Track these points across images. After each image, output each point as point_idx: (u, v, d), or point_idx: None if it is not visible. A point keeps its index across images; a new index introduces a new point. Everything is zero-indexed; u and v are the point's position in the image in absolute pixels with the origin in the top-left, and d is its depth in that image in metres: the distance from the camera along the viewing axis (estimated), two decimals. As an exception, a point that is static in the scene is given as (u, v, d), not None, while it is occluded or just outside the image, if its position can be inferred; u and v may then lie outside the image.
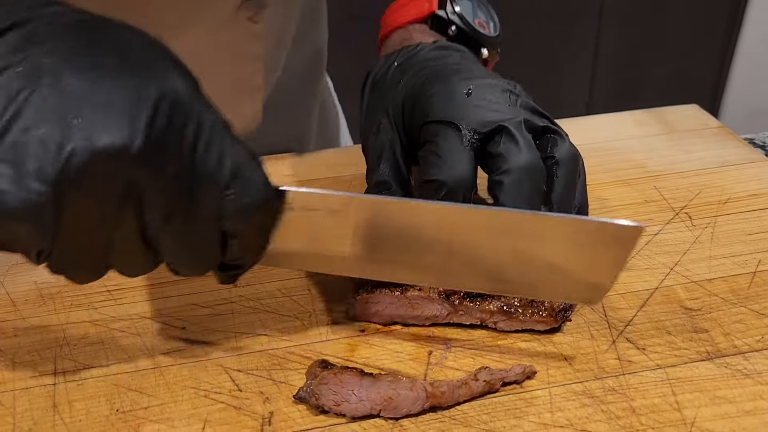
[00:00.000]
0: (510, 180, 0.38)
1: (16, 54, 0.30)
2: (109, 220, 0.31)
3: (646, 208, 0.50)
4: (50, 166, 0.29)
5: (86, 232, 0.31)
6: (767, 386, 0.36)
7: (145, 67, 0.31)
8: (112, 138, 0.29)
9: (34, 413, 0.36)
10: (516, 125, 0.39)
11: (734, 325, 0.40)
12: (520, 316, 0.39)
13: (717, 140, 0.59)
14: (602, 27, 1.66)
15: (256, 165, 0.33)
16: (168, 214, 0.31)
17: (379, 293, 0.40)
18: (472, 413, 0.35)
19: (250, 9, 0.54)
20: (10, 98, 0.29)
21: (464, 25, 0.49)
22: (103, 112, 0.29)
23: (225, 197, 0.32)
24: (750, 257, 0.45)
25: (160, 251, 0.33)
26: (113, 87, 0.30)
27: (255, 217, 0.33)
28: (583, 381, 0.37)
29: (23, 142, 0.29)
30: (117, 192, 0.30)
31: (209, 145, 0.31)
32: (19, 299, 0.43)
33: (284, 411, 0.36)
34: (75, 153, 0.29)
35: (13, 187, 0.29)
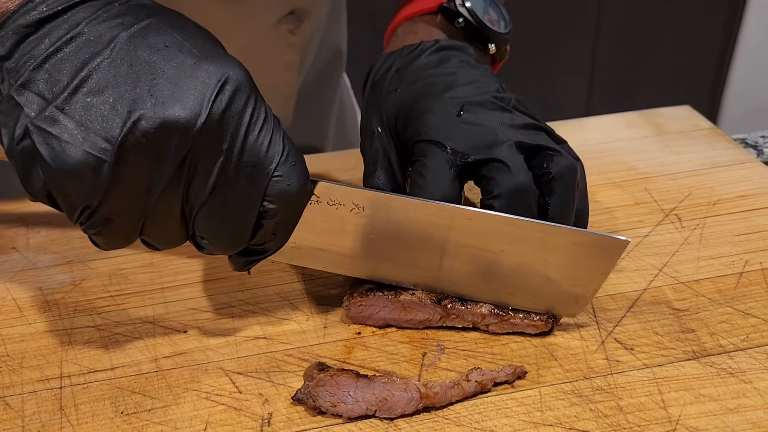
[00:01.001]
0: (500, 204, 0.39)
1: (89, 25, 0.32)
2: (158, 187, 0.33)
3: (636, 209, 0.52)
4: (118, 127, 0.31)
5: (134, 196, 0.33)
6: (751, 384, 0.37)
7: (212, 52, 0.34)
8: (181, 110, 0.32)
9: (41, 416, 0.37)
10: (507, 148, 0.39)
11: (720, 325, 0.41)
12: (512, 319, 0.40)
13: (707, 142, 0.60)
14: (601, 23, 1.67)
15: (300, 155, 0.36)
16: (215, 188, 0.34)
17: (372, 297, 0.41)
18: (464, 413, 0.37)
19: (291, 22, 0.57)
20: (84, 62, 0.32)
21: (472, 19, 0.49)
22: (174, 85, 0.32)
23: (272, 178, 0.35)
24: (737, 258, 0.46)
25: (196, 225, 0.36)
26: (184, 64, 0.33)
27: (296, 200, 0.36)
28: (573, 381, 0.38)
29: (93, 102, 0.32)
30: (174, 161, 0.33)
31: (263, 129, 0.34)
32: (25, 305, 0.45)
33: (283, 412, 0.37)
34: (144, 118, 0.32)
35: (78, 141, 0.31)
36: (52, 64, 0.32)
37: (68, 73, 0.32)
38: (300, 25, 0.57)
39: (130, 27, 0.33)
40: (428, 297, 0.41)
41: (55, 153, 0.31)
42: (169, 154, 0.32)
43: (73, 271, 0.47)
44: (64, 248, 0.49)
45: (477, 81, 0.44)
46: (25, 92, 0.32)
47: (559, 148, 0.41)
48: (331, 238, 0.39)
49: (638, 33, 1.68)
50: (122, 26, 0.33)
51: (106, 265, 0.48)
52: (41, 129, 0.31)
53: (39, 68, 0.32)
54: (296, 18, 0.57)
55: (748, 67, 1.76)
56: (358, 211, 0.38)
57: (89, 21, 0.32)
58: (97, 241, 0.35)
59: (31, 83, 0.32)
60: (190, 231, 0.36)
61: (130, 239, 0.35)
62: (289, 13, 0.56)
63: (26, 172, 0.33)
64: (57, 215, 0.53)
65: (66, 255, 0.49)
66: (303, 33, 0.58)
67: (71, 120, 0.31)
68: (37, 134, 0.31)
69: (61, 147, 0.31)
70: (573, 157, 0.41)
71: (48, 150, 0.31)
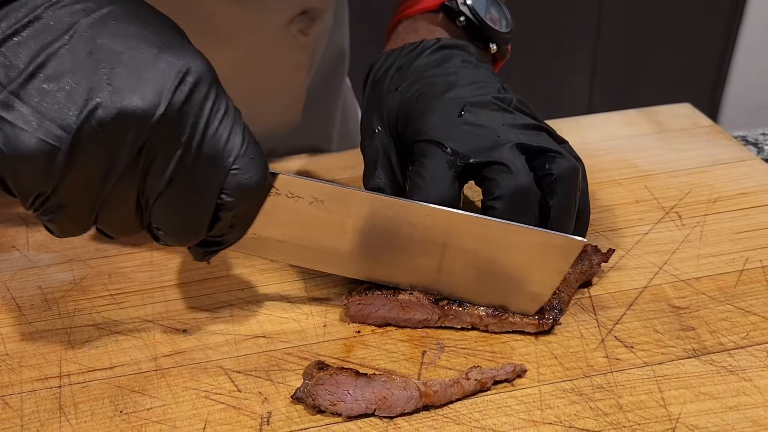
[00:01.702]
0: (502, 205, 0.38)
1: (48, 10, 0.32)
2: (113, 176, 0.33)
3: (636, 207, 0.51)
4: (74, 114, 0.31)
5: (89, 184, 0.33)
6: (750, 382, 0.37)
7: (175, 43, 0.33)
8: (140, 100, 0.31)
9: (40, 415, 0.37)
10: (509, 149, 0.39)
11: (720, 323, 0.41)
12: (510, 318, 0.40)
13: (708, 139, 0.59)
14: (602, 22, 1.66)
15: (259, 148, 0.36)
16: (172, 179, 0.34)
17: (371, 296, 0.41)
18: (464, 411, 0.37)
19: (302, 22, 0.56)
20: (42, 47, 0.31)
21: (473, 17, 0.49)
22: (134, 75, 0.32)
23: (230, 171, 0.34)
24: (737, 255, 0.46)
25: (152, 216, 0.35)
26: (145, 54, 0.32)
27: (254, 193, 0.36)
28: (572, 379, 0.38)
29: (50, 89, 0.31)
30: (130, 151, 0.32)
31: (222, 122, 0.34)
32: (24, 304, 0.45)
33: (282, 411, 0.37)
34: (101, 107, 0.31)
35: (32, 127, 0.31)
36: (8, 48, 0.31)
37: (25, 57, 0.31)
38: (311, 24, 0.57)
39: (91, 13, 0.32)
40: (426, 297, 0.40)
41: (8, 139, 0.31)
42: (125, 144, 0.32)
43: (73, 270, 0.47)
44: (64, 247, 0.49)
45: (478, 81, 0.44)
46: None
47: (560, 150, 0.41)
48: (292, 230, 0.39)
49: (639, 31, 1.68)
50: (83, 12, 0.32)
51: (106, 264, 0.48)
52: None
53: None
54: (308, 18, 0.57)
55: (749, 65, 1.75)
56: (317, 204, 0.38)
57: (49, 5, 0.32)
58: (50, 227, 0.35)
59: None
60: (145, 221, 0.36)
61: (84, 227, 0.35)
62: (302, 12, 0.56)
63: None
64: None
65: (66, 254, 0.49)
66: (313, 33, 0.58)
67: (26, 106, 0.31)
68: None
69: (15, 133, 0.31)
70: (574, 158, 0.41)
71: (1, 136, 0.31)
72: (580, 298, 0.43)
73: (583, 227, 0.42)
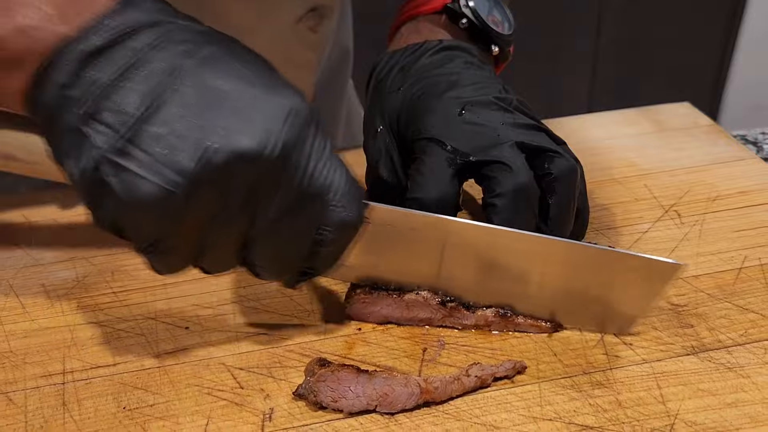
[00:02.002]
0: (503, 203, 0.39)
1: (153, 51, 0.32)
2: (223, 219, 0.33)
3: (636, 206, 0.52)
4: (188, 159, 0.31)
5: (200, 228, 0.33)
6: (749, 379, 0.37)
7: (277, 82, 0.34)
8: (251, 142, 0.31)
9: (44, 411, 0.37)
10: (509, 147, 0.40)
11: (719, 320, 0.41)
12: (516, 319, 0.40)
13: (707, 138, 0.60)
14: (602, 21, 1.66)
15: (356, 183, 0.36)
16: (277, 219, 0.34)
17: (376, 295, 0.41)
18: (464, 408, 0.37)
19: (312, 19, 0.57)
20: (152, 92, 0.31)
21: (476, 20, 0.49)
22: (244, 116, 0.32)
23: (331, 209, 0.35)
24: (736, 254, 0.46)
25: (253, 252, 0.36)
26: (251, 95, 0.32)
27: (352, 229, 0.36)
28: (572, 375, 0.38)
29: (163, 134, 0.31)
30: (241, 192, 0.33)
31: (325, 160, 0.34)
32: (28, 302, 0.45)
33: (284, 407, 0.37)
34: (214, 150, 0.31)
35: (151, 174, 0.31)
36: (118, 93, 0.31)
37: (135, 102, 0.31)
38: (321, 22, 0.58)
39: (193, 55, 0.32)
40: (433, 297, 0.41)
41: (126, 186, 0.31)
42: (237, 186, 0.32)
43: (76, 268, 0.48)
44: (67, 245, 0.50)
45: (480, 82, 0.44)
46: (91, 122, 0.31)
47: (559, 149, 0.41)
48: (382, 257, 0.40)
49: (639, 31, 1.68)
50: (186, 54, 0.32)
51: (108, 262, 0.48)
52: (111, 161, 0.31)
53: (105, 97, 0.31)
54: (317, 15, 0.57)
55: (749, 63, 1.75)
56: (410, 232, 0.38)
57: (152, 48, 0.32)
58: (156, 267, 0.35)
59: (97, 113, 0.31)
60: (244, 257, 0.36)
61: (188, 264, 0.35)
62: (311, 9, 0.56)
63: (95, 203, 0.33)
64: (60, 212, 0.53)
65: (69, 251, 0.49)
66: (322, 31, 0.59)
67: (141, 152, 0.31)
68: (107, 167, 0.31)
69: (133, 180, 0.31)
70: (573, 158, 0.41)
71: (119, 183, 0.31)
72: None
73: (582, 227, 0.42)
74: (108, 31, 0.32)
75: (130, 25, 0.32)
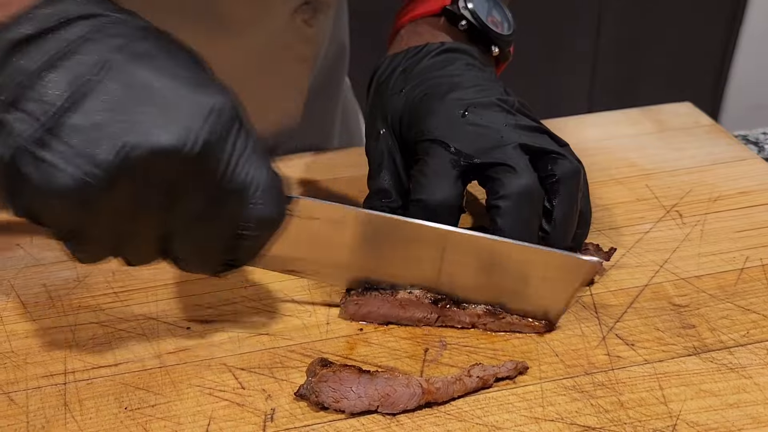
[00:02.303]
0: (507, 205, 0.39)
1: (84, 44, 0.32)
2: (142, 211, 0.33)
3: (637, 206, 0.52)
4: (107, 152, 0.31)
5: (118, 218, 0.33)
6: (750, 380, 0.37)
7: (203, 79, 0.34)
8: (171, 138, 0.32)
9: (46, 411, 0.37)
10: (512, 149, 0.40)
11: (721, 321, 0.41)
12: (509, 318, 0.40)
13: (709, 138, 0.60)
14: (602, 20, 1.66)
15: (279, 179, 0.36)
16: (196, 215, 0.34)
17: (369, 295, 0.41)
18: (466, 408, 0.37)
19: (306, 12, 0.57)
20: (77, 83, 0.31)
21: (475, 21, 0.49)
22: (165, 113, 0.32)
23: (251, 206, 0.35)
24: (738, 254, 0.46)
25: (173, 247, 0.36)
26: (175, 91, 0.32)
27: (273, 225, 0.36)
28: (574, 376, 0.38)
29: (84, 125, 0.31)
30: (159, 187, 0.33)
31: (247, 157, 0.34)
32: (29, 301, 0.45)
33: (286, 408, 0.37)
34: (133, 145, 0.31)
35: (68, 165, 0.31)
36: (42, 83, 0.31)
37: (59, 92, 0.31)
38: (315, 15, 0.58)
39: (124, 50, 0.32)
40: (426, 296, 0.41)
41: (43, 176, 0.31)
42: (155, 181, 0.32)
43: (77, 268, 0.48)
44: (68, 245, 0.50)
45: (482, 84, 0.44)
46: (12, 110, 0.31)
47: (562, 151, 0.41)
48: (306, 248, 0.40)
49: (640, 30, 1.68)
50: (117, 48, 0.32)
51: (109, 262, 0.48)
52: (29, 151, 0.31)
53: (29, 87, 0.31)
54: (312, 8, 0.57)
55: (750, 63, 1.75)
56: (334, 224, 0.39)
57: (84, 40, 0.32)
58: (76, 255, 0.35)
59: (20, 102, 0.31)
60: (164, 250, 0.36)
61: (107, 255, 0.36)
62: (305, 2, 0.57)
63: (11, 190, 0.32)
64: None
65: (69, 252, 0.49)
66: (317, 25, 0.59)
67: (61, 142, 0.31)
68: (25, 156, 0.31)
69: (50, 171, 0.31)
70: (576, 160, 0.41)
71: (36, 172, 0.31)
72: (581, 296, 0.43)
73: (584, 229, 0.43)
74: (40, 19, 0.31)
75: (64, 16, 0.32)
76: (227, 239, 0.36)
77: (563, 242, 0.41)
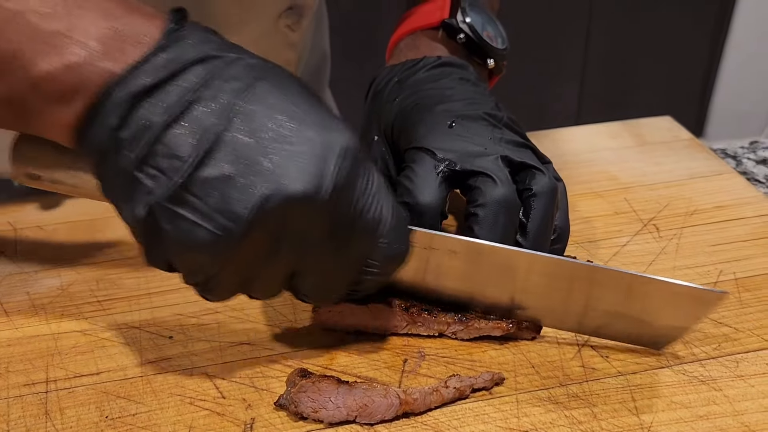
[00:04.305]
0: (485, 213, 0.40)
1: (205, 89, 0.31)
2: (274, 256, 0.34)
3: (615, 219, 0.53)
4: (243, 207, 0.31)
5: (251, 264, 0.34)
6: (720, 392, 0.38)
7: (327, 120, 0.33)
8: (304, 186, 0.31)
9: (26, 420, 0.38)
10: (494, 160, 0.41)
11: (693, 334, 0.42)
12: (476, 324, 0.41)
13: (687, 152, 0.61)
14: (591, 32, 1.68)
15: (404, 217, 0.37)
16: (326, 254, 0.35)
17: (340, 303, 0.42)
18: (443, 419, 0.37)
19: (290, 17, 0.58)
20: (204, 135, 0.31)
21: (473, 35, 0.51)
22: (294, 159, 0.31)
23: (378, 245, 0.36)
24: (712, 267, 0.47)
25: (300, 284, 0.36)
26: (304, 136, 0.32)
27: (400, 261, 0.37)
28: (549, 387, 0.39)
29: (215, 178, 0.31)
30: (292, 233, 0.33)
31: (374, 197, 0.35)
32: (12, 309, 0.45)
33: (265, 417, 0.38)
34: (267, 197, 0.31)
35: (205, 222, 0.31)
36: (169, 137, 0.31)
37: (188, 147, 0.31)
38: (299, 21, 0.59)
39: (242, 93, 0.32)
40: (397, 304, 0.42)
41: (181, 232, 0.31)
42: (289, 229, 0.33)
43: (61, 276, 0.48)
44: (53, 253, 0.50)
45: (472, 98, 0.46)
46: (144, 167, 0.31)
47: (542, 168, 0.42)
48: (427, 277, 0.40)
49: (628, 44, 1.70)
50: (234, 92, 0.31)
51: (93, 271, 0.48)
52: (165, 208, 0.31)
53: (157, 141, 0.31)
54: (295, 14, 0.58)
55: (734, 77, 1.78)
56: (452, 255, 0.39)
57: (201, 87, 0.31)
58: (206, 297, 0.36)
59: (150, 157, 0.31)
60: (291, 285, 0.37)
61: (236, 294, 0.36)
62: (288, 8, 0.58)
63: (149, 244, 0.33)
64: (46, 221, 0.53)
65: (54, 260, 0.49)
66: (301, 30, 0.60)
67: (195, 198, 0.31)
68: (161, 213, 0.31)
69: (187, 227, 0.31)
70: (556, 178, 0.43)
71: (174, 229, 0.31)
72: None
73: (562, 243, 0.43)
74: (156, 68, 0.31)
75: (179, 62, 0.31)
76: (353, 276, 0.37)
77: None
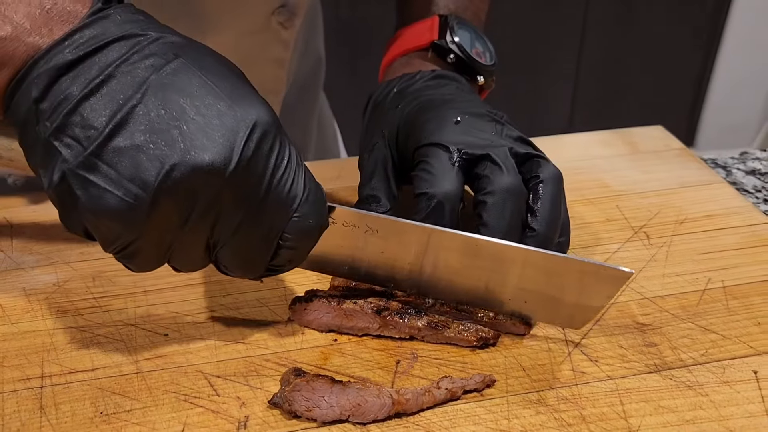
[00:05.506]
0: (493, 200, 0.41)
1: (120, 67, 0.33)
2: (187, 227, 0.35)
3: (606, 226, 0.53)
4: (151, 175, 0.32)
5: (165, 233, 0.35)
6: (707, 397, 0.39)
7: (241, 93, 0.35)
8: (213, 157, 0.33)
9: (21, 415, 0.38)
10: (501, 151, 0.43)
11: (681, 340, 0.43)
12: (447, 332, 0.42)
13: (678, 161, 0.62)
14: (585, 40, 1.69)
15: (320, 191, 0.38)
16: (238, 228, 0.35)
17: (315, 302, 0.43)
18: (434, 419, 0.38)
19: (283, 15, 0.59)
20: (118, 106, 0.32)
21: (462, 54, 0.53)
22: (204, 131, 0.33)
23: (291, 218, 0.36)
24: (701, 275, 0.48)
25: (219, 256, 0.37)
26: (214, 108, 0.33)
27: (314, 235, 0.38)
28: (539, 390, 0.40)
29: (127, 148, 0.32)
30: (203, 204, 0.34)
31: (287, 170, 0.36)
32: (8, 305, 0.45)
33: (259, 415, 0.38)
34: (176, 166, 0.32)
35: (115, 188, 0.32)
36: (85, 108, 0.32)
37: (102, 117, 0.32)
38: (291, 18, 0.60)
39: (160, 69, 0.33)
40: (369, 306, 0.42)
41: (92, 198, 0.33)
42: (199, 199, 0.34)
43: (57, 273, 0.48)
44: (49, 249, 0.50)
45: (473, 100, 0.48)
46: (60, 136, 0.32)
47: (546, 156, 0.44)
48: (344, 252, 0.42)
49: (621, 52, 1.72)
50: (152, 68, 0.33)
51: (89, 267, 0.49)
52: (78, 175, 0.32)
53: (73, 112, 0.32)
54: (288, 11, 0.59)
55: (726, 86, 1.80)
56: (371, 232, 0.40)
57: (120, 62, 0.33)
58: (127, 265, 0.37)
59: (66, 127, 0.32)
60: (212, 258, 0.38)
61: (158, 265, 0.37)
62: (281, 5, 0.58)
63: (64, 210, 0.34)
64: (42, 216, 0.54)
65: (50, 256, 0.49)
66: (293, 28, 0.61)
67: (107, 166, 0.32)
68: (74, 179, 0.33)
69: (98, 193, 0.32)
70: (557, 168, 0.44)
71: (85, 195, 0.33)
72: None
73: (566, 237, 0.45)
74: (79, 45, 0.33)
75: (101, 38, 0.33)
76: (270, 250, 0.37)
77: (551, 240, 0.43)
